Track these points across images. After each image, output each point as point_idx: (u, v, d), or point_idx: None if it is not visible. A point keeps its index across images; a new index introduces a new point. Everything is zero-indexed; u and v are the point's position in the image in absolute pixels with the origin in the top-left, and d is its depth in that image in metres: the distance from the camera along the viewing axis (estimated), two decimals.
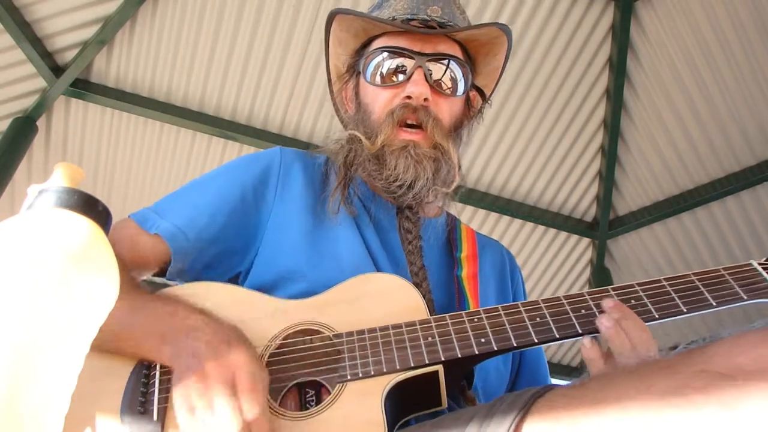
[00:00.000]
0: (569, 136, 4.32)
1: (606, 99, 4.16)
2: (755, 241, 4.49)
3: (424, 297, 0.98)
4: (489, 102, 1.30)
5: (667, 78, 3.96)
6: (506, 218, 4.69)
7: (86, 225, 0.55)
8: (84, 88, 3.92)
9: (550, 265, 4.98)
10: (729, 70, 3.81)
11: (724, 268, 0.91)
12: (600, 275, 4.78)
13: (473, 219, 4.64)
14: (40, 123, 4.00)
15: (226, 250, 1.09)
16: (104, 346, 0.89)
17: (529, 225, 4.72)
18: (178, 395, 0.79)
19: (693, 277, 0.91)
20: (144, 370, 0.88)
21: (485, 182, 4.53)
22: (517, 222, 4.71)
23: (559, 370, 5.53)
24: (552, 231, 4.75)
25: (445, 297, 1.11)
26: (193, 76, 3.99)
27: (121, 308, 0.89)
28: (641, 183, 4.51)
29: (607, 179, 4.42)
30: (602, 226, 4.63)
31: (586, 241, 4.84)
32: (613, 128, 4.18)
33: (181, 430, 0.78)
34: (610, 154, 4.30)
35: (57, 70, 3.79)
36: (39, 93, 3.89)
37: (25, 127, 3.88)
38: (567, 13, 3.79)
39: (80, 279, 0.52)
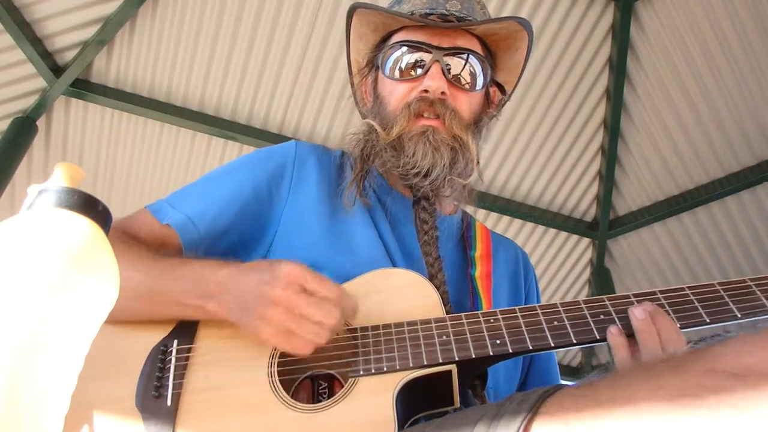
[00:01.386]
0: (569, 136, 4.32)
1: (606, 99, 4.16)
2: (755, 241, 4.49)
3: (438, 289, 0.98)
4: (508, 97, 1.28)
5: (667, 78, 3.96)
6: (506, 218, 4.69)
7: (86, 225, 0.55)
8: (84, 88, 3.92)
9: (550, 265, 4.98)
10: (729, 70, 3.81)
11: (751, 279, 0.88)
12: (600, 275, 4.78)
13: None
14: (40, 123, 3.99)
15: (237, 243, 1.10)
16: (137, 313, 0.92)
17: (529, 225, 4.72)
18: (268, 333, 0.83)
19: (717, 287, 0.89)
20: (160, 355, 0.88)
21: (485, 182, 4.52)
22: (517, 222, 4.71)
23: (559, 370, 5.52)
24: (552, 231, 4.75)
25: (459, 294, 1.10)
26: (193, 76, 3.98)
27: (150, 274, 0.92)
28: (641, 183, 4.50)
29: (607, 179, 4.41)
30: (602, 226, 4.63)
31: (586, 241, 4.83)
32: (613, 128, 4.17)
33: (294, 354, 0.84)
34: (610, 154, 4.30)
35: (57, 70, 3.79)
36: (39, 93, 3.89)
37: (25, 127, 3.87)
38: (567, 13, 3.78)
39: (80, 279, 0.52)
